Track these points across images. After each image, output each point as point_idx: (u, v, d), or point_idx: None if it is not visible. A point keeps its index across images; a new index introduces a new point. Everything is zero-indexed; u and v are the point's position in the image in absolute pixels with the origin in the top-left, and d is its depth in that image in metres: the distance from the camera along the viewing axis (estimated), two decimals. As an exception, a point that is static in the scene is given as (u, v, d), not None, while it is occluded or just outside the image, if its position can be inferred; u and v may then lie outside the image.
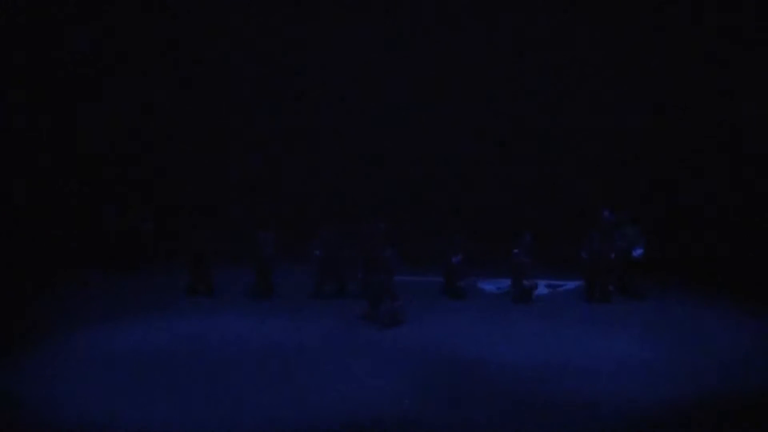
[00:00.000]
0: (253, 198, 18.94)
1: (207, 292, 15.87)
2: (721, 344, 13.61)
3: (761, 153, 18.21)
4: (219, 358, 12.86)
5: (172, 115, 19.12)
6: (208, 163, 19.20)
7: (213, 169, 19.21)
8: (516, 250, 15.70)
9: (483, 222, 18.22)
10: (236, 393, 11.60)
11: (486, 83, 18.90)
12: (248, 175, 19.22)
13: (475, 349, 13.33)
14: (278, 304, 15.58)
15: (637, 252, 15.83)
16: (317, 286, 16.03)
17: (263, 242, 15.89)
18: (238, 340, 13.65)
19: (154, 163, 19.05)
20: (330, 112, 19.17)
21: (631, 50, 18.52)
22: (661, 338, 13.85)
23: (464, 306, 15.61)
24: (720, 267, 17.12)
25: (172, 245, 17.24)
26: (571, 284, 16.64)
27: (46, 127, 18.61)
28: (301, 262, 16.35)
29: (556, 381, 12.08)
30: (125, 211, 17.19)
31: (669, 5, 18.28)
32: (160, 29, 18.79)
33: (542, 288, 16.13)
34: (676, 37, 18.36)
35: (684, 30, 18.25)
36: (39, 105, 18.55)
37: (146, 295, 15.85)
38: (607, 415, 11.01)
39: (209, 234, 16.16)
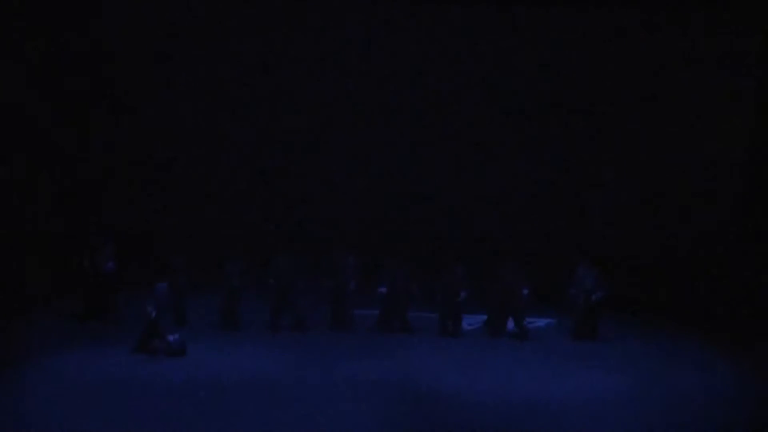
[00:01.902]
0: (221, 226, 19.18)
1: (179, 321, 16.18)
2: (691, 384, 14.00)
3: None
4: (181, 388, 13.14)
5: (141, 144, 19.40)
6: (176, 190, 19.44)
7: (182, 196, 19.43)
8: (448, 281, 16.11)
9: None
10: (196, 425, 11.85)
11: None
12: (215, 203, 19.44)
13: (445, 384, 13.62)
14: (246, 335, 15.84)
15: (597, 295, 16.14)
16: (272, 319, 16.24)
17: (230, 272, 16.19)
18: (203, 370, 13.89)
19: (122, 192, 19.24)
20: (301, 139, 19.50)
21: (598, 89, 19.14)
22: (631, 376, 14.19)
23: (426, 340, 15.92)
24: (687, 307, 17.80)
25: (138, 277, 17.06)
26: (541, 321, 17.14)
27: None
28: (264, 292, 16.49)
29: (524, 418, 12.42)
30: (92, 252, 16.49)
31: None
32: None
33: (511, 324, 16.37)
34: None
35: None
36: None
37: (115, 324, 16.07)
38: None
39: (183, 264, 16.40)
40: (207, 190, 19.49)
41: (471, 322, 16.86)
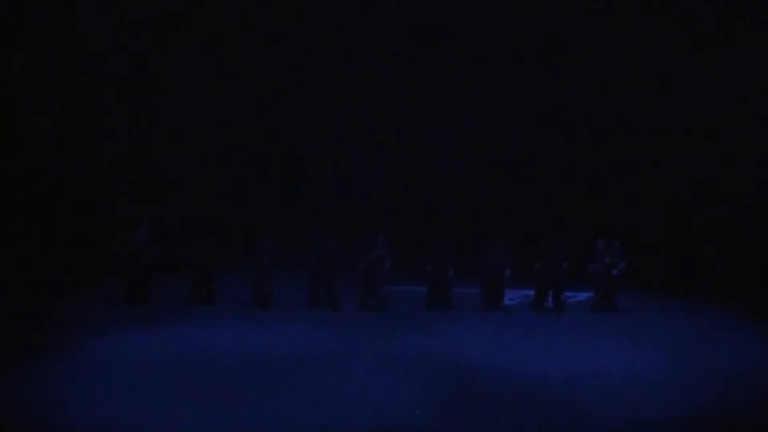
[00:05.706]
0: (253, 206, 19.30)
1: (209, 300, 16.25)
2: (727, 354, 13.83)
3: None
4: (225, 367, 13.02)
5: (170, 124, 19.52)
6: (206, 172, 19.59)
7: (212, 177, 19.58)
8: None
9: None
10: (243, 402, 11.74)
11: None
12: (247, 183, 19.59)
13: (484, 358, 13.54)
14: (278, 312, 15.86)
15: (618, 269, 16.22)
16: (311, 296, 16.33)
17: (261, 251, 16.19)
18: (241, 349, 13.80)
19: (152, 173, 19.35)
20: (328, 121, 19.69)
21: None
22: (668, 349, 14.06)
23: (465, 316, 15.92)
24: (711, 278, 17.71)
25: (175, 258, 16.99)
26: (581, 296, 17.11)
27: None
28: (298, 270, 16.57)
29: (566, 392, 12.24)
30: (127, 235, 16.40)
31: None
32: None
33: (549, 299, 16.37)
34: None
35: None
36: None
37: (150, 304, 16.12)
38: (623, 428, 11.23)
39: (211, 243, 16.39)
40: (239, 169, 19.72)
41: (512, 297, 16.93)
